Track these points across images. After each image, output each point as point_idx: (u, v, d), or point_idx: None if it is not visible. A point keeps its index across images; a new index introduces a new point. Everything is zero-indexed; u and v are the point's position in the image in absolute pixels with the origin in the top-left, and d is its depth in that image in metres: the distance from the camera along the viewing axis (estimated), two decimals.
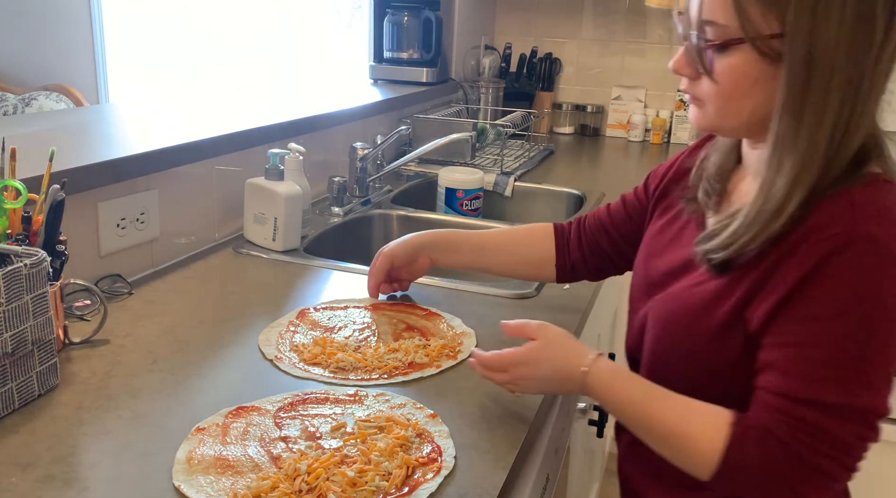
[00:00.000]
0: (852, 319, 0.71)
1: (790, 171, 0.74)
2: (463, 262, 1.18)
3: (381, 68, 2.48)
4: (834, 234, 0.72)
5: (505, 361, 0.88)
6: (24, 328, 0.84)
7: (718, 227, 0.81)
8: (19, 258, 0.84)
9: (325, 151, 1.82)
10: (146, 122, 1.57)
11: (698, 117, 0.83)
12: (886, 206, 0.73)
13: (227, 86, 2.36)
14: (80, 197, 1.15)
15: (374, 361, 0.99)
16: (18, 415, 0.85)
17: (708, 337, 0.81)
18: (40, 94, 3.33)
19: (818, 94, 0.72)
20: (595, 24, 2.85)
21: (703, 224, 0.89)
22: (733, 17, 0.73)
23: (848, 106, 0.73)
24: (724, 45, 0.75)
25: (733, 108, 0.78)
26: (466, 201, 1.83)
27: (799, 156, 0.74)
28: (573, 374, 0.84)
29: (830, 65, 0.71)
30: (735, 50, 0.75)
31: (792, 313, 0.74)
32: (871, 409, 0.71)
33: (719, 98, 0.78)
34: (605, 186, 2.04)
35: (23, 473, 0.75)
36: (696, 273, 0.85)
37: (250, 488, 0.73)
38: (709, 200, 0.89)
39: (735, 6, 0.73)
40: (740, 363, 0.78)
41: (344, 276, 1.34)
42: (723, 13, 0.74)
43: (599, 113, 2.87)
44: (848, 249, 0.71)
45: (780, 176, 0.75)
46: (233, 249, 1.44)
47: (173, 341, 1.05)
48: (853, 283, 0.71)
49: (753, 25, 0.73)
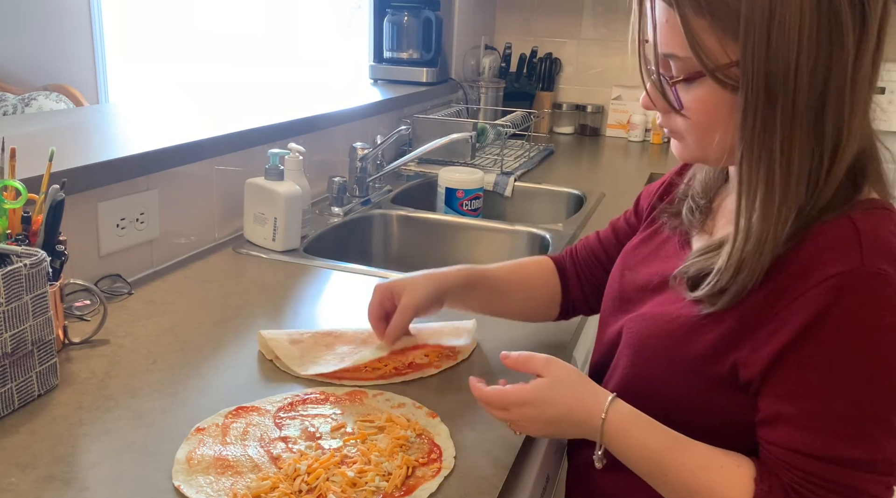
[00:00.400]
0: (872, 369, 0.66)
1: (764, 207, 0.69)
2: (475, 307, 1.07)
3: (381, 68, 2.48)
4: (842, 272, 0.66)
5: (508, 399, 0.80)
6: (23, 328, 0.84)
7: (702, 262, 0.76)
8: (19, 258, 0.84)
9: (325, 151, 1.82)
10: (146, 122, 1.57)
11: (680, 151, 0.79)
12: (892, 241, 0.68)
13: (226, 86, 2.36)
14: (80, 197, 1.15)
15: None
16: (18, 415, 0.85)
17: (686, 368, 0.76)
18: (40, 94, 3.33)
19: (784, 119, 0.67)
20: (595, 24, 2.85)
21: (687, 241, 0.85)
22: (689, 50, 0.69)
23: (828, 125, 0.68)
24: (687, 79, 0.71)
25: (712, 138, 0.73)
26: (466, 201, 1.83)
27: (773, 189, 0.68)
28: (590, 420, 0.76)
29: (793, 87, 0.66)
30: (699, 82, 0.71)
31: (801, 361, 0.68)
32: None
33: (695, 131, 0.74)
34: (605, 186, 2.04)
35: (22, 473, 0.75)
36: (672, 293, 0.80)
37: (250, 489, 0.73)
38: (693, 218, 0.85)
39: (689, 38, 0.69)
40: (718, 398, 0.74)
41: (344, 276, 1.34)
42: (680, 46, 0.70)
43: (599, 113, 2.87)
44: (860, 290, 0.65)
45: (756, 212, 0.69)
46: (233, 249, 1.44)
47: (173, 341, 1.05)
48: (871, 328, 0.65)
49: (711, 56, 0.69)
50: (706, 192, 0.86)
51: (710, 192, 0.86)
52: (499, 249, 1.70)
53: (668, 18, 0.70)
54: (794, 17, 0.65)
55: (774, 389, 0.70)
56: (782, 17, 0.65)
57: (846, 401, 0.66)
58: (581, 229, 1.66)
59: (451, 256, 1.72)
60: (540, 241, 1.64)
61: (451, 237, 1.73)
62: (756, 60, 0.66)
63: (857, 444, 0.66)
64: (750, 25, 0.66)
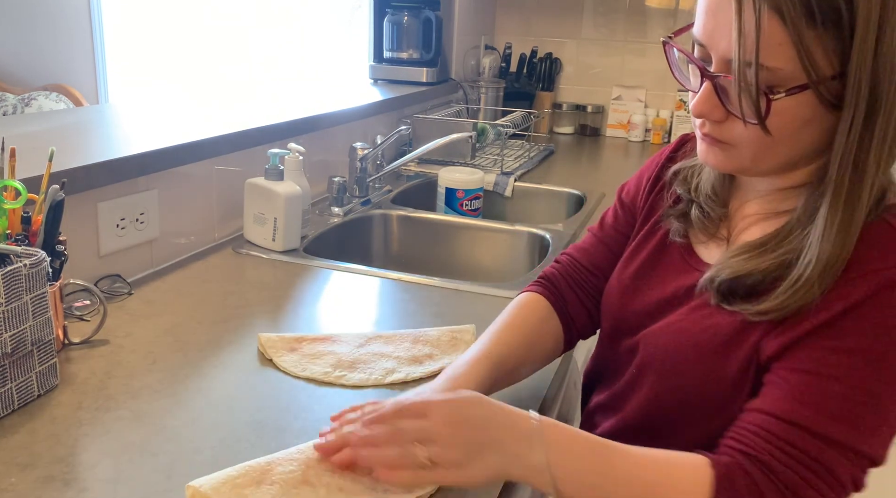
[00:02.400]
0: (884, 367, 0.66)
1: (845, 223, 0.68)
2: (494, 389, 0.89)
3: (381, 68, 2.48)
4: (881, 269, 0.67)
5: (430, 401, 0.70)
6: (23, 328, 0.84)
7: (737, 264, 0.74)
8: (19, 258, 0.84)
9: (325, 151, 1.82)
10: (146, 122, 1.57)
11: (723, 161, 0.75)
12: None
13: (226, 85, 2.36)
14: (80, 197, 1.15)
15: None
16: (18, 415, 0.85)
17: (725, 383, 0.74)
18: (40, 94, 3.33)
19: (879, 137, 0.66)
20: (595, 24, 2.85)
21: (688, 251, 0.84)
22: (795, 61, 0.65)
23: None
24: (789, 92, 0.66)
25: (774, 151, 0.71)
26: (466, 201, 1.83)
27: (855, 205, 0.68)
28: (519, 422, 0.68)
29: (891, 103, 0.65)
30: (794, 94, 0.67)
31: (820, 343, 0.68)
32: (872, 458, 0.67)
33: (760, 143, 0.70)
34: (605, 186, 2.04)
35: (22, 474, 0.75)
36: (695, 302, 0.78)
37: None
38: (708, 224, 0.82)
39: (799, 50, 0.64)
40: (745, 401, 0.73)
41: (344, 276, 1.34)
42: (785, 58, 0.65)
43: (599, 113, 2.87)
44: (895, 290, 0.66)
45: (834, 227, 0.68)
46: (233, 248, 1.44)
47: (173, 341, 1.05)
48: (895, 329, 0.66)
49: (818, 69, 0.65)
50: (719, 196, 0.83)
51: (722, 195, 0.83)
52: (499, 249, 1.70)
53: (775, 29, 0.65)
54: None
55: (782, 363, 0.70)
56: (893, 25, 0.64)
57: (848, 387, 0.66)
58: (581, 229, 1.66)
59: (451, 255, 1.72)
60: (540, 241, 1.64)
61: (451, 237, 1.73)
62: (863, 72, 0.64)
63: (845, 427, 0.66)
64: (863, 35, 0.64)
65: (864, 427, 0.66)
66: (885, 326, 0.66)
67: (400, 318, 1.18)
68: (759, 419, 0.69)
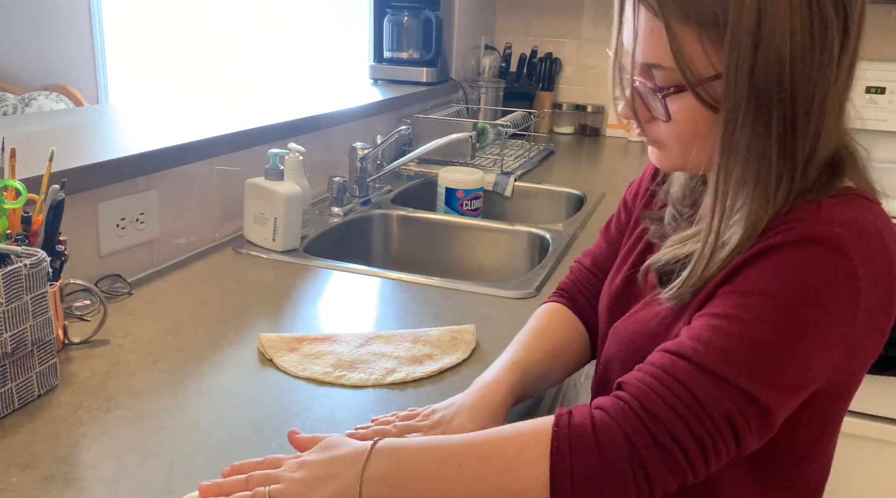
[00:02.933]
0: (787, 308, 0.64)
1: (743, 217, 0.68)
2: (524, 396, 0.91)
3: (381, 68, 2.48)
4: (792, 228, 0.66)
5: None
6: (23, 328, 0.84)
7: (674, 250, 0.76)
8: (19, 258, 0.84)
9: (325, 151, 1.82)
10: (146, 122, 1.57)
11: (662, 160, 0.77)
12: (854, 218, 0.66)
13: (226, 85, 2.36)
14: (80, 197, 1.15)
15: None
16: (18, 415, 0.85)
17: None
18: (40, 94, 3.33)
19: (779, 130, 0.66)
20: (595, 23, 2.85)
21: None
22: (673, 61, 0.67)
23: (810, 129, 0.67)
24: (676, 90, 0.68)
25: (701, 148, 0.71)
26: (466, 201, 1.83)
27: (752, 198, 0.68)
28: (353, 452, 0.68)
29: (788, 97, 0.65)
30: (686, 93, 0.68)
31: (723, 288, 0.68)
32: (758, 400, 0.63)
33: (680, 139, 0.72)
34: (605, 186, 2.04)
35: (23, 474, 0.75)
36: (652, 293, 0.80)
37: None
38: (678, 227, 0.82)
39: (674, 49, 0.66)
40: None
41: (344, 276, 1.34)
42: (664, 56, 0.67)
43: (599, 113, 2.87)
44: (805, 244, 0.64)
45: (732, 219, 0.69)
46: (233, 248, 1.44)
47: (173, 341, 1.05)
48: (801, 274, 0.64)
49: (694, 69, 0.66)
50: (687, 198, 0.84)
51: (691, 198, 0.84)
52: (499, 249, 1.70)
53: (654, 28, 0.67)
54: (784, 24, 0.63)
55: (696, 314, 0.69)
56: (772, 25, 0.63)
57: (744, 324, 0.65)
58: (581, 229, 1.66)
59: (451, 255, 1.72)
60: (540, 241, 1.64)
61: (451, 237, 1.73)
62: (740, 72, 0.64)
63: (728, 363, 0.64)
64: (737, 34, 0.63)
65: (754, 367, 0.63)
66: (785, 272, 0.64)
67: (400, 318, 1.18)
68: (653, 356, 0.68)
